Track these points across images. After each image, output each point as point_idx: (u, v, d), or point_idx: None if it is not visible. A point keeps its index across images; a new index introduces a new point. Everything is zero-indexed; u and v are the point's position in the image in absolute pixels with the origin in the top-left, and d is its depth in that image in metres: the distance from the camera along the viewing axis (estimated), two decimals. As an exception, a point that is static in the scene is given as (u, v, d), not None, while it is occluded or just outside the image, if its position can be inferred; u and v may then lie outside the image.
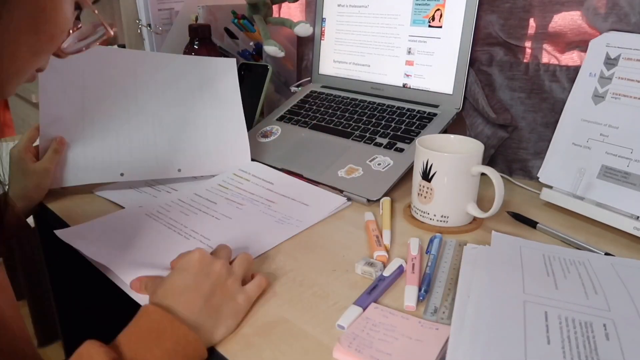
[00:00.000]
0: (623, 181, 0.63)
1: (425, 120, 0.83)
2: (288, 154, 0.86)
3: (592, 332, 0.41)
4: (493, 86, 0.82)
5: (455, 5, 0.81)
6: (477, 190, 0.65)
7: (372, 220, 0.66)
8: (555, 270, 0.50)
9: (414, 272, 0.54)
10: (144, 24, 1.17)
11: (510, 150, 0.83)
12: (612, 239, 0.63)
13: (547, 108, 0.78)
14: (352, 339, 0.43)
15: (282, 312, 0.49)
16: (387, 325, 0.45)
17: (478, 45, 0.82)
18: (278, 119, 0.96)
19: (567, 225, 0.66)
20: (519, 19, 0.78)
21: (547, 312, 0.43)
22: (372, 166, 0.77)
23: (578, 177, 0.67)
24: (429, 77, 0.87)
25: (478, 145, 0.65)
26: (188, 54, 0.99)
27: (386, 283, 0.52)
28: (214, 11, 1.10)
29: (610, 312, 0.43)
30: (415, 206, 0.67)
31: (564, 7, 0.74)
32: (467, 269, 0.51)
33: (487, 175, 0.62)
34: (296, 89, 1.06)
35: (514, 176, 0.83)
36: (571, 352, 0.38)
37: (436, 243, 0.59)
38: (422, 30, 0.86)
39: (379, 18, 0.92)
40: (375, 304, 0.49)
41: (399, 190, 0.75)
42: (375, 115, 0.88)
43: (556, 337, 0.40)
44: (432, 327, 0.45)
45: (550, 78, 0.76)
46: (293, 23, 1.02)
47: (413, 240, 0.60)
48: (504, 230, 0.60)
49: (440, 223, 0.64)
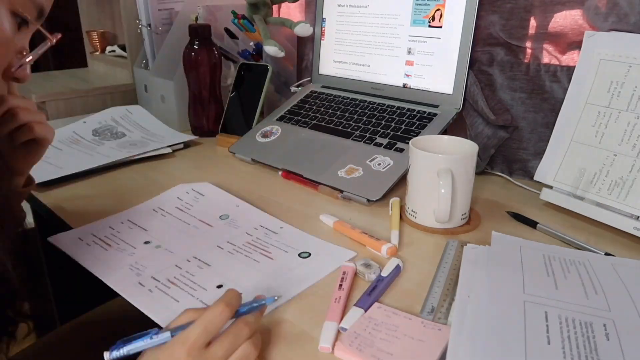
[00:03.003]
0: (623, 181, 0.63)
1: (425, 120, 0.83)
2: (288, 154, 0.86)
3: (592, 332, 0.41)
4: (494, 86, 0.82)
5: (455, 5, 0.81)
6: (466, 191, 0.65)
7: (339, 221, 0.65)
8: (555, 270, 0.50)
9: (337, 303, 0.48)
10: (144, 24, 1.17)
11: (511, 151, 0.83)
12: (612, 239, 0.63)
13: (547, 108, 0.78)
14: (354, 338, 0.43)
15: (282, 312, 0.49)
16: (390, 325, 0.45)
17: (479, 46, 0.82)
18: (278, 119, 0.96)
19: (567, 225, 0.66)
20: (520, 19, 0.78)
21: (547, 312, 0.43)
22: (372, 166, 0.77)
23: (578, 176, 0.67)
24: (429, 77, 0.87)
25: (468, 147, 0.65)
26: (188, 53, 0.99)
27: (385, 283, 0.52)
28: (214, 11, 1.10)
29: (611, 312, 0.43)
30: (410, 207, 0.67)
31: (564, 7, 0.74)
32: (468, 269, 0.51)
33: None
34: (296, 89, 1.06)
35: (514, 176, 0.83)
36: (571, 352, 0.38)
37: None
38: (422, 30, 0.86)
39: (379, 18, 0.92)
40: (378, 304, 0.49)
41: (399, 191, 0.75)
42: (375, 115, 0.88)
43: (556, 337, 0.40)
44: (435, 328, 0.45)
45: (551, 78, 0.76)
46: (293, 23, 1.02)
47: (346, 265, 0.55)
48: (504, 231, 0.60)
49: (438, 224, 0.64)
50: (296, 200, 0.75)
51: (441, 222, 0.62)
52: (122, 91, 1.36)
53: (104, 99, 1.35)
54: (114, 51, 1.58)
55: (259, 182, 0.81)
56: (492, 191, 0.78)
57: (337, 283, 0.52)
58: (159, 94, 1.13)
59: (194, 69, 1.00)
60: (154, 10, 1.16)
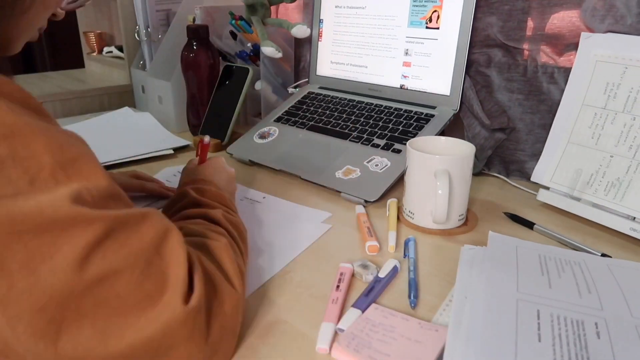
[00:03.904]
0: (619, 182, 0.63)
1: (422, 121, 0.83)
2: (285, 155, 0.86)
3: (583, 330, 0.41)
4: (491, 88, 0.83)
5: (452, 6, 0.82)
6: (464, 192, 0.65)
7: (362, 213, 0.66)
8: (550, 270, 0.50)
9: (335, 304, 0.49)
10: (141, 27, 1.17)
11: (508, 152, 0.83)
12: (608, 240, 0.63)
13: (545, 110, 0.78)
14: (351, 339, 0.43)
15: (280, 313, 0.49)
16: (387, 326, 0.45)
17: (476, 47, 0.82)
18: (275, 120, 0.96)
19: (563, 226, 0.67)
20: (518, 21, 0.78)
21: (540, 310, 0.43)
22: (370, 167, 0.77)
23: (575, 177, 0.67)
24: (426, 79, 0.87)
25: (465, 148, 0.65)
26: (187, 54, 0.99)
27: (382, 284, 0.52)
28: (211, 12, 1.10)
29: (603, 311, 0.44)
30: (407, 208, 0.67)
31: (562, 9, 0.74)
32: (464, 269, 0.51)
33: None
34: (294, 90, 1.06)
35: (511, 177, 0.83)
36: (562, 350, 0.39)
37: (412, 245, 0.59)
38: (419, 32, 0.87)
39: (376, 19, 0.92)
40: (375, 305, 0.49)
41: (397, 192, 0.75)
42: (372, 116, 0.88)
43: (547, 335, 0.40)
44: (432, 329, 0.45)
45: (549, 80, 0.77)
46: (290, 24, 1.02)
47: (344, 266, 0.55)
48: (501, 232, 0.60)
49: (435, 225, 0.64)
50: (296, 200, 0.74)
51: (438, 223, 0.63)
52: (119, 92, 1.35)
53: (101, 99, 1.34)
54: (111, 52, 1.57)
55: (256, 183, 0.81)
56: (489, 192, 0.78)
57: (334, 284, 0.52)
58: (156, 94, 1.13)
59: (192, 69, 1.00)
60: (151, 11, 1.16)
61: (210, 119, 1.00)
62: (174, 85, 1.07)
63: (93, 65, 1.64)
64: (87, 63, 1.68)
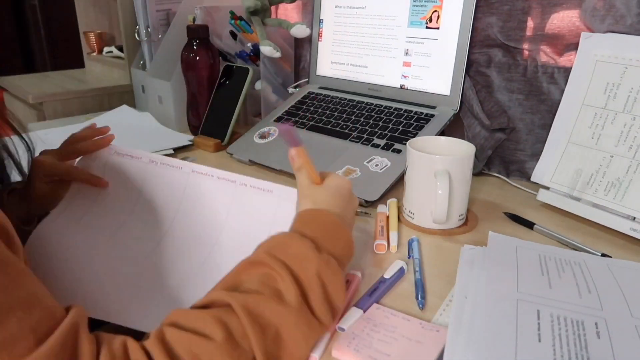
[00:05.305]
0: (619, 182, 0.63)
1: (422, 121, 0.83)
2: (285, 155, 0.86)
3: (583, 330, 0.41)
4: (491, 88, 0.83)
5: (452, 6, 0.82)
6: (464, 192, 0.65)
7: (382, 212, 0.66)
8: (550, 270, 0.50)
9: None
10: (141, 27, 1.17)
11: (508, 152, 0.83)
12: (608, 240, 0.63)
13: (544, 110, 0.78)
14: (352, 339, 0.43)
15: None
16: (388, 326, 0.45)
17: (477, 47, 0.82)
18: (276, 120, 0.96)
19: (563, 226, 0.67)
20: (518, 21, 0.78)
21: (540, 310, 0.43)
22: (370, 167, 0.77)
23: (575, 177, 0.67)
24: (427, 79, 0.87)
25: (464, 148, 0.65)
26: (187, 54, 0.99)
27: (387, 285, 0.52)
28: (211, 12, 1.10)
29: (603, 311, 0.44)
30: (407, 208, 0.67)
31: (562, 9, 0.74)
32: (464, 269, 0.51)
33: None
34: (294, 90, 1.06)
35: (511, 177, 0.83)
36: (561, 350, 0.39)
37: (415, 246, 0.59)
38: (419, 32, 0.87)
39: (377, 19, 0.92)
40: (377, 305, 0.49)
41: (397, 192, 0.75)
42: (372, 116, 0.88)
43: (547, 335, 0.40)
44: (433, 329, 0.45)
45: (549, 80, 0.77)
46: (290, 24, 1.02)
47: (353, 273, 0.53)
48: (501, 232, 0.60)
49: (435, 225, 0.64)
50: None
51: (438, 223, 0.63)
52: (119, 92, 1.35)
53: (101, 99, 1.34)
54: (111, 52, 1.58)
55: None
56: (489, 192, 0.78)
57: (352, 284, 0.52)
58: (156, 94, 1.13)
59: (192, 69, 1.00)
60: (151, 11, 1.16)
61: (210, 119, 1.00)
62: (174, 85, 1.07)
63: (93, 65, 1.65)
64: (87, 63, 1.68)
